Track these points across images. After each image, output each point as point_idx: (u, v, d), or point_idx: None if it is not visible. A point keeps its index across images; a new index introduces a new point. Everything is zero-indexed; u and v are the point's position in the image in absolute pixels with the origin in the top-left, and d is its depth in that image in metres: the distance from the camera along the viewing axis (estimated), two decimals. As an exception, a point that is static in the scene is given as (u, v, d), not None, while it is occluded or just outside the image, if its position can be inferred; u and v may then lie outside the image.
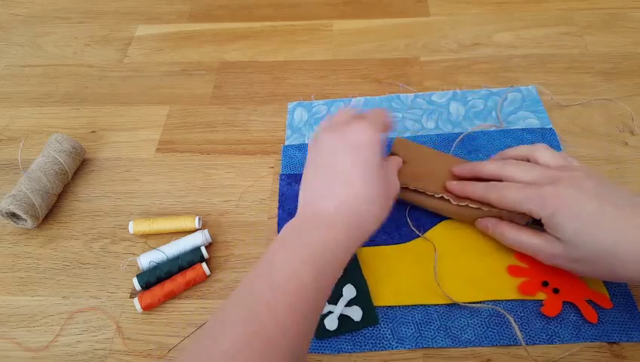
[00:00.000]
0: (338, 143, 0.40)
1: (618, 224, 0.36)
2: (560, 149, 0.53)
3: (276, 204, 0.52)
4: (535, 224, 0.43)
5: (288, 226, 0.38)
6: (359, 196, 0.38)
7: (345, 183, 0.38)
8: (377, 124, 0.41)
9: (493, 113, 0.58)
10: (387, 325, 0.43)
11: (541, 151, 0.44)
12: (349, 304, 0.44)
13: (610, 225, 0.37)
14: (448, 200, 0.46)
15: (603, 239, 0.37)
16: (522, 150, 0.45)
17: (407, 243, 0.47)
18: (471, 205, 0.45)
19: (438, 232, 0.48)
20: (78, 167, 0.57)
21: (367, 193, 0.38)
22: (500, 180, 0.44)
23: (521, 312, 0.43)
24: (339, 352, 0.42)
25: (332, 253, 0.35)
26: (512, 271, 0.44)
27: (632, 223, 0.36)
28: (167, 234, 0.51)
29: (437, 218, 0.49)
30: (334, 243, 0.36)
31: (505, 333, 0.42)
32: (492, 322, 0.42)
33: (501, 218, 0.44)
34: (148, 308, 0.45)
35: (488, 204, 0.45)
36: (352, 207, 0.38)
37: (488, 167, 0.45)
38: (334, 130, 0.41)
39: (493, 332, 0.42)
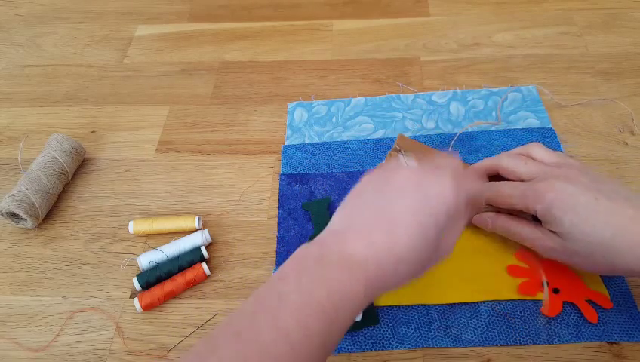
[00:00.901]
0: (412, 184, 0.34)
1: (614, 216, 0.37)
2: (560, 149, 0.53)
3: (276, 204, 0.52)
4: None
5: (307, 252, 0.33)
6: (397, 253, 0.32)
7: (388, 231, 0.32)
8: (465, 185, 0.35)
9: (494, 113, 0.58)
10: (387, 325, 0.43)
11: (535, 149, 0.44)
12: (349, 304, 0.44)
13: (606, 218, 0.37)
14: None
15: (600, 231, 0.37)
16: (517, 150, 0.45)
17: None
18: None
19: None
20: (78, 167, 0.57)
21: (407, 253, 0.32)
22: (498, 178, 0.44)
23: (521, 312, 0.43)
24: (339, 352, 0.42)
25: (348, 304, 0.30)
26: (512, 271, 0.44)
27: (627, 215, 0.36)
28: (167, 234, 0.51)
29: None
30: (353, 295, 0.30)
31: (505, 333, 0.42)
32: (492, 322, 0.42)
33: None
34: (148, 308, 0.45)
35: (486, 205, 0.45)
36: (384, 261, 0.32)
37: (484, 163, 0.45)
38: (418, 169, 0.35)
39: (493, 332, 0.42)
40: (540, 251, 0.42)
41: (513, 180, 0.43)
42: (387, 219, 0.33)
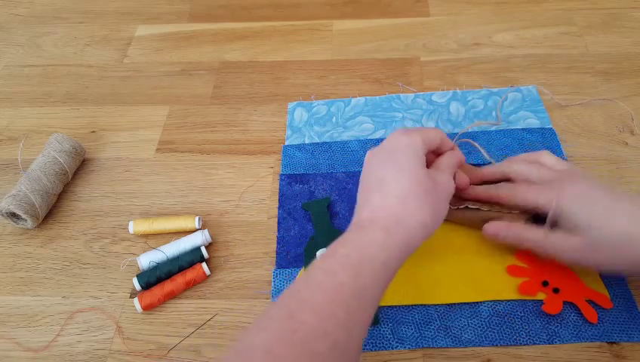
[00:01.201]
0: (377, 155, 0.40)
1: (632, 208, 0.38)
2: (560, 149, 0.53)
3: (276, 204, 0.52)
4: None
5: (355, 221, 0.38)
6: (393, 198, 0.37)
7: (379, 190, 0.38)
8: (417, 133, 0.40)
9: (494, 113, 0.58)
10: (387, 325, 0.43)
11: (545, 156, 0.45)
12: (349, 304, 0.44)
13: (624, 210, 0.38)
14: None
15: (620, 222, 0.37)
16: (525, 156, 0.46)
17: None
18: (470, 206, 0.45)
19: (438, 232, 0.48)
20: (78, 167, 0.57)
21: (400, 193, 0.37)
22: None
23: (521, 312, 0.43)
24: (339, 352, 0.42)
25: (369, 252, 0.34)
26: (512, 271, 0.44)
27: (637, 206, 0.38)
28: (167, 234, 0.51)
29: (437, 218, 0.49)
30: (371, 243, 0.35)
31: (505, 333, 0.42)
32: (492, 322, 0.42)
33: (500, 218, 0.44)
34: (148, 308, 0.45)
35: (487, 204, 0.45)
36: (388, 209, 0.37)
37: (496, 168, 0.46)
38: (372, 148, 0.41)
39: (493, 332, 0.42)
40: (563, 256, 0.41)
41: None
42: (374, 184, 0.39)
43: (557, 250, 0.41)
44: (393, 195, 0.37)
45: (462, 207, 0.45)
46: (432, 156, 0.43)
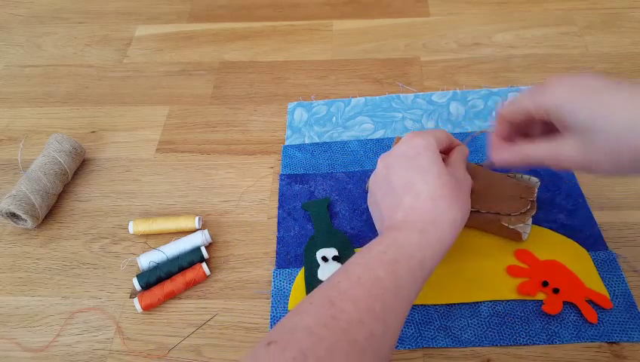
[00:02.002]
0: (397, 159, 0.40)
1: (629, 99, 0.33)
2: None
3: (276, 204, 0.52)
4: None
5: (383, 222, 0.39)
6: (424, 199, 0.37)
7: (408, 192, 0.38)
8: (427, 135, 0.40)
9: (494, 113, 0.58)
10: (387, 325, 0.43)
11: None
12: (349, 304, 0.44)
13: (622, 100, 0.33)
14: None
15: (619, 113, 0.33)
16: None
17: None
18: (470, 209, 0.45)
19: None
20: (78, 167, 0.57)
21: (430, 194, 0.37)
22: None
23: (521, 312, 0.43)
24: (339, 352, 0.42)
25: (405, 251, 0.35)
26: (512, 271, 0.44)
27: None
28: (167, 234, 0.51)
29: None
30: (407, 242, 0.36)
31: (505, 333, 0.42)
32: (492, 322, 0.42)
33: (500, 219, 0.44)
34: (148, 308, 0.45)
35: (487, 206, 0.45)
36: (421, 210, 0.37)
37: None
38: (387, 154, 0.42)
39: (493, 332, 0.42)
40: (561, 165, 0.38)
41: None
42: (400, 188, 0.39)
43: (559, 159, 0.37)
44: (424, 197, 0.37)
45: None
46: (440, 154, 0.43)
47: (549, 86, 0.37)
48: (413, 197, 0.38)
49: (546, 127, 0.40)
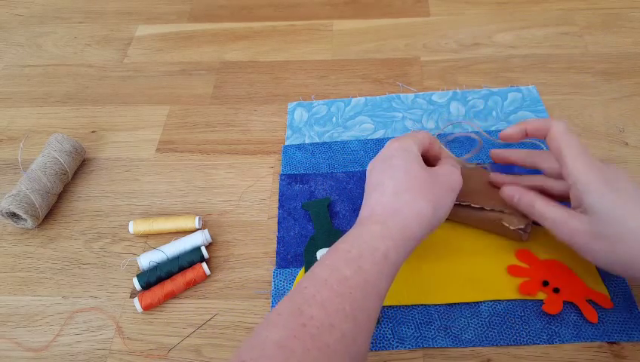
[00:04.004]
0: (375, 164, 0.41)
1: None
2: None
3: (276, 204, 0.52)
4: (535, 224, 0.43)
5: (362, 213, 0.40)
6: (389, 194, 0.38)
7: (377, 190, 0.39)
8: (405, 138, 0.41)
9: (494, 113, 0.58)
10: (387, 325, 0.43)
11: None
12: (349, 304, 0.44)
13: None
14: None
15: (636, 217, 0.35)
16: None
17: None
18: (473, 205, 0.45)
19: (439, 232, 0.48)
20: (78, 167, 0.57)
21: (395, 189, 0.38)
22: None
23: (521, 312, 0.43)
24: (339, 352, 0.42)
25: (368, 245, 0.35)
26: (512, 271, 0.44)
27: None
28: (167, 234, 0.51)
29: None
30: (369, 236, 0.36)
31: (505, 333, 0.42)
32: (492, 322, 0.42)
33: (501, 219, 0.44)
34: (148, 308, 0.45)
35: (490, 203, 0.45)
36: (384, 204, 0.38)
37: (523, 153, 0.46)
38: (376, 156, 0.43)
39: (493, 332, 0.42)
40: (560, 234, 0.39)
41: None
42: (373, 187, 0.40)
43: (561, 228, 0.39)
44: (389, 192, 0.38)
45: (464, 203, 0.45)
46: (431, 159, 0.44)
47: (584, 166, 0.37)
48: (380, 194, 0.38)
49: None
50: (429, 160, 0.44)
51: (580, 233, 0.38)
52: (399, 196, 0.38)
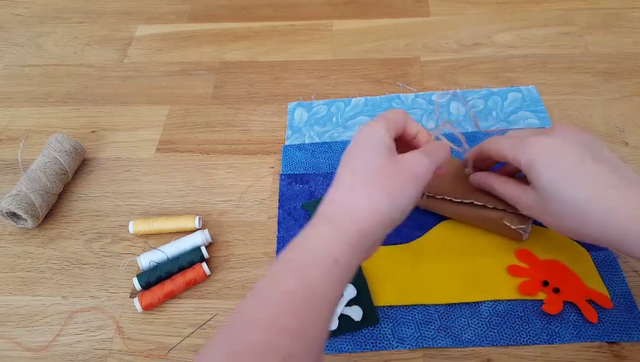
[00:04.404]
0: (342, 157, 0.38)
1: (595, 180, 0.35)
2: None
3: (276, 204, 0.52)
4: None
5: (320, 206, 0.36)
6: (342, 189, 0.34)
7: (334, 186, 0.35)
8: (377, 121, 0.37)
9: (494, 113, 0.58)
10: (387, 325, 0.43)
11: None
12: (349, 304, 0.44)
13: (586, 180, 0.35)
14: (450, 200, 0.46)
15: (576, 193, 0.35)
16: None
17: (408, 244, 0.47)
18: (476, 202, 0.45)
19: (439, 232, 0.48)
20: (78, 167, 0.57)
21: (351, 183, 0.34)
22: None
23: (521, 312, 0.43)
24: (339, 352, 0.42)
25: (317, 250, 0.32)
26: (512, 271, 0.44)
27: (609, 182, 0.35)
28: (167, 234, 0.51)
29: (437, 218, 0.49)
30: (317, 238, 0.32)
31: (505, 333, 0.42)
32: (492, 322, 0.42)
33: (502, 218, 0.44)
34: (148, 307, 0.45)
35: (494, 201, 0.44)
36: (336, 200, 0.34)
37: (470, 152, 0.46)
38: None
39: (494, 332, 0.42)
40: (520, 209, 0.41)
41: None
42: (334, 178, 0.36)
43: (518, 204, 0.40)
44: (344, 187, 0.35)
45: (467, 201, 0.45)
46: (408, 143, 0.40)
47: (528, 143, 0.38)
48: (335, 189, 0.35)
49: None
50: (406, 143, 0.40)
51: (532, 208, 0.39)
52: (355, 191, 0.34)
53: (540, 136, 0.38)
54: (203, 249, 0.48)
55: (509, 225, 0.44)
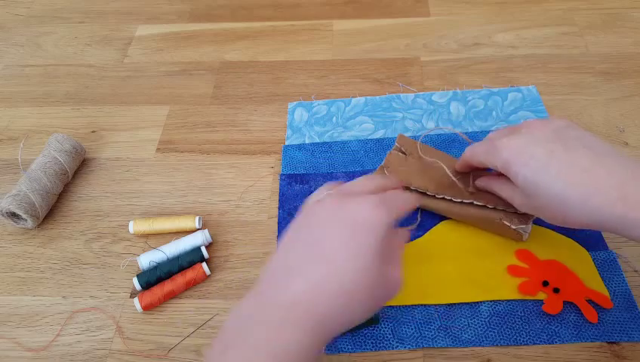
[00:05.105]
0: (335, 215, 0.33)
1: (567, 169, 0.35)
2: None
3: (276, 204, 0.52)
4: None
5: (244, 313, 0.30)
6: (340, 285, 0.30)
7: (325, 262, 0.30)
8: (391, 206, 0.34)
9: (494, 113, 0.58)
10: (387, 325, 0.43)
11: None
12: (349, 304, 0.44)
13: (559, 170, 0.35)
14: (450, 200, 0.46)
15: (551, 185, 0.35)
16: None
17: (408, 244, 0.47)
18: (476, 202, 0.45)
19: (438, 232, 0.48)
20: (78, 167, 0.57)
21: (350, 284, 0.30)
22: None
23: (521, 312, 0.43)
24: (339, 352, 0.42)
25: (292, 355, 0.28)
26: (512, 271, 0.44)
27: (581, 167, 0.34)
28: (167, 234, 0.51)
29: (437, 218, 0.49)
30: (295, 344, 0.28)
31: (505, 333, 0.42)
32: (492, 322, 0.42)
33: (502, 218, 0.44)
34: (148, 307, 0.45)
35: (493, 201, 0.45)
36: (325, 296, 0.29)
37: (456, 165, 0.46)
38: (338, 198, 0.34)
39: (494, 332, 0.42)
40: (517, 207, 0.42)
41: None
42: (320, 254, 0.31)
43: (514, 204, 0.41)
44: (342, 284, 0.30)
45: (467, 201, 0.45)
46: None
47: (499, 148, 0.38)
48: (320, 280, 0.30)
49: None
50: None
51: (523, 206, 0.40)
52: (350, 301, 0.30)
53: (510, 137, 0.38)
54: (203, 249, 0.48)
55: (508, 225, 0.44)
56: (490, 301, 0.43)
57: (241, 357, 0.27)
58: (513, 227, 0.44)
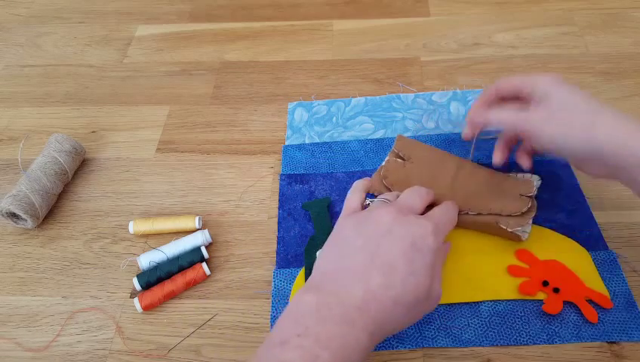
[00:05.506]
0: (396, 231, 0.35)
1: (589, 98, 0.40)
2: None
3: (276, 204, 0.52)
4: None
5: (305, 306, 0.32)
6: (397, 294, 0.33)
7: (385, 273, 0.33)
8: (444, 231, 0.38)
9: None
10: (387, 325, 0.43)
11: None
12: (349, 304, 0.44)
13: (583, 96, 0.40)
14: None
15: (571, 98, 0.40)
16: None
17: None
18: (470, 213, 0.45)
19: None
20: (78, 167, 0.57)
21: (403, 294, 0.33)
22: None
23: (521, 312, 0.43)
24: (339, 352, 0.42)
25: (354, 356, 0.30)
26: (512, 271, 0.44)
27: (596, 101, 0.39)
28: (167, 234, 0.51)
29: (437, 218, 0.49)
30: (358, 345, 0.31)
31: (505, 333, 0.42)
32: (492, 322, 0.42)
33: (497, 222, 0.44)
34: (148, 308, 0.45)
35: (487, 208, 0.45)
36: (383, 304, 0.32)
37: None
38: (398, 209, 0.37)
39: (494, 332, 0.42)
40: (525, 127, 0.42)
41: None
42: (380, 264, 0.34)
43: (529, 121, 0.41)
44: (399, 294, 0.33)
45: (462, 213, 0.46)
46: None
47: (538, 73, 0.43)
48: (386, 286, 0.32)
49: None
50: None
51: (536, 120, 0.41)
52: (409, 312, 0.33)
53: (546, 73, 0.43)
54: (203, 249, 0.48)
55: (505, 227, 0.44)
56: (490, 301, 0.43)
57: (305, 351, 0.29)
58: (509, 230, 0.44)
